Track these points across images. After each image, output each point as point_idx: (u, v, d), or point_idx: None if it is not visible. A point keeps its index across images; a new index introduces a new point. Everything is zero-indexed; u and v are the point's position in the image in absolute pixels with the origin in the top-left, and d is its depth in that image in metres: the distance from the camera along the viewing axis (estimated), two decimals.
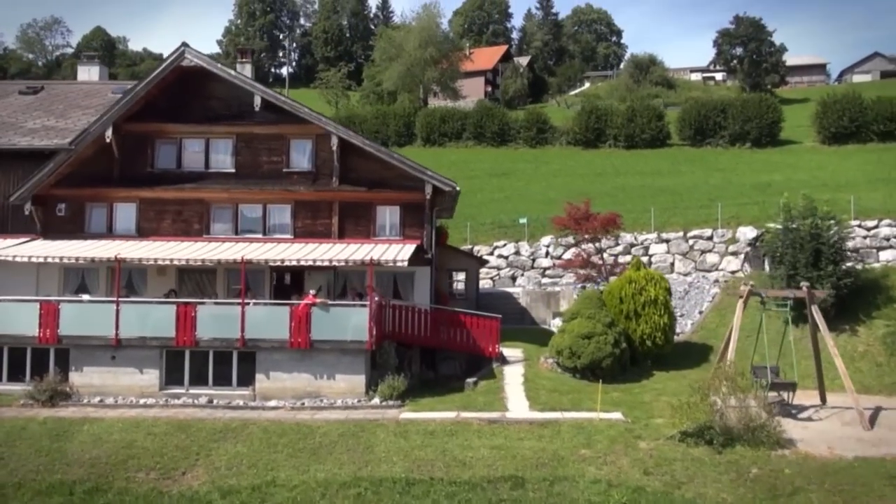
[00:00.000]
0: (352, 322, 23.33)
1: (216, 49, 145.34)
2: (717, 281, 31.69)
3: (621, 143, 68.40)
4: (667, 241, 40.24)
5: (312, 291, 24.27)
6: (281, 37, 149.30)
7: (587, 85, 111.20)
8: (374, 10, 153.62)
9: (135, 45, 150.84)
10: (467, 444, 19.66)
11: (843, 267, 26.41)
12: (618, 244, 40.46)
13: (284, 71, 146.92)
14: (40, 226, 26.88)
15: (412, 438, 20.03)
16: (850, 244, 28.46)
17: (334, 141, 26.20)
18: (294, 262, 23.91)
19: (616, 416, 21.06)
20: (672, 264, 39.16)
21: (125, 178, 27.08)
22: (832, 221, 26.74)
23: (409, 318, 25.68)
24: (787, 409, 21.21)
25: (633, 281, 25.37)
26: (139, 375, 23.78)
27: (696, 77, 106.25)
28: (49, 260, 24.25)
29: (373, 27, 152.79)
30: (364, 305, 23.56)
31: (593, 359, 23.60)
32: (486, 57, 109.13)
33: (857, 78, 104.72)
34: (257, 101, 26.33)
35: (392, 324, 25.23)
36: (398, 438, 20.08)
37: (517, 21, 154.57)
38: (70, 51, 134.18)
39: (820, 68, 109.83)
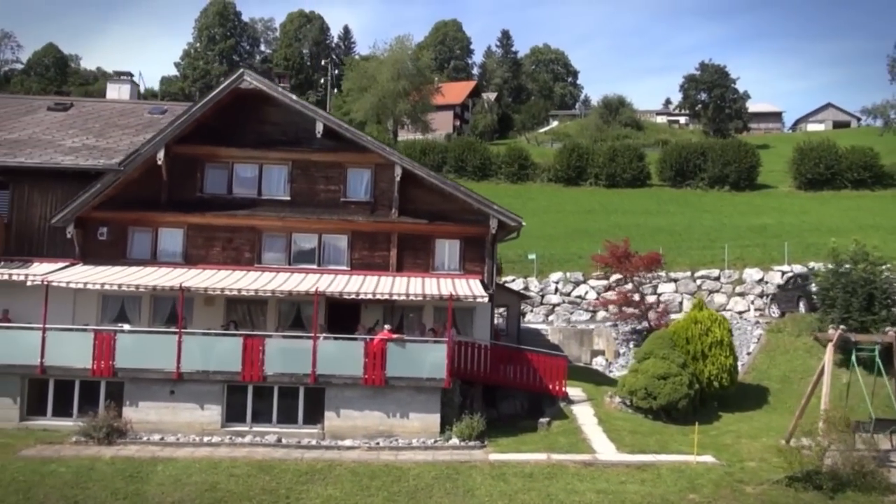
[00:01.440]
0: (428, 359, 22.54)
1: (173, 71, 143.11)
2: (757, 322, 31.74)
3: (602, 181, 68.95)
4: (675, 280, 40.39)
5: (388, 327, 23.44)
6: (240, 62, 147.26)
7: (555, 123, 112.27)
8: (335, 39, 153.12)
9: (88, 63, 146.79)
10: (570, 487, 19.00)
11: None
12: (626, 282, 40.54)
13: None
14: (79, 250, 25.46)
15: (511, 482, 19.29)
16: None
17: (398, 171, 25.50)
18: (384, 296, 23.02)
19: (709, 458, 20.68)
20: (681, 303, 39.28)
21: (173, 203, 25.88)
22: (885, 266, 27.01)
23: (472, 354, 24.98)
24: (887, 454, 21.03)
25: (698, 321, 25.18)
26: (199, 411, 22.51)
27: (661, 120, 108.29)
28: (107, 287, 23.00)
29: (334, 57, 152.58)
30: (440, 342, 22.79)
31: (670, 400, 23.25)
32: (456, 91, 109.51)
33: (811, 127, 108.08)
34: (319, 127, 25.51)
35: (457, 360, 24.49)
36: (497, 481, 19.30)
37: (477, 58, 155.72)
38: (20, 66, 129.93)
39: (776, 116, 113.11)
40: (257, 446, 21.56)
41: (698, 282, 40.53)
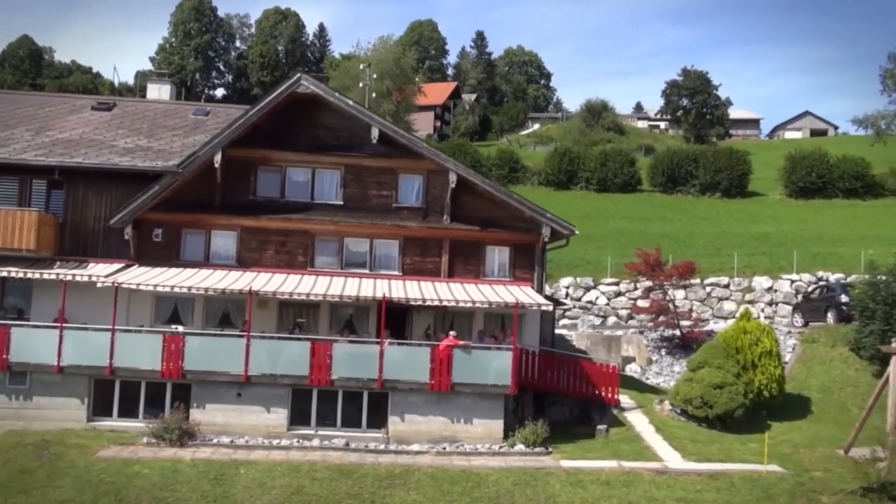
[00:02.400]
0: (493, 366, 22.95)
1: (148, 65, 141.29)
2: (790, 332, 32.54)
3: (593, 185, 69.83)
4: (685, 287, 41.08)
5: (453, 333, 23.75)
6: (216, 58, 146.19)
7: (536, 125, 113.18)
8: (311, 37, 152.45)
9: (62, 56, 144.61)
10: (649, 495, 19.53)
11: None
12: (636, 288, 41.32)
13: (219, 93, 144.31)
14: (134, 251, 25.37)
15: (590, 489, 19.75)
16: None
17: (452, 178, 25.82)
18: (450, 303, 23.36)
19: (777, 468, 21.31)
20: (690, 310, 39.99)
21: (226, 205, 25.91)
22: None
23: (524, 361, 25.35)
24: None
25: (747, 331, 25.85)
26: (266, 414, 22.65)
27: (642, 124, 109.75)
28: (177, 289, 23.00)
29: (310, 55, 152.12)
30: (505, 349, 23.21)
31: (727, 409, 23.88)
32: (437, 92, 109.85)
33: (789, 134, 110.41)
34: (374, 133, 25.72)
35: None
36: (575, 488, 19.75)
37: (452, 58, 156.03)
38: None
39: (754, 123, 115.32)
40: (327, 450, 21.76)
41: (708, 289, 41.30)
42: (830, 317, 32.34)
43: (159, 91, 31.39)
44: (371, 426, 23.02)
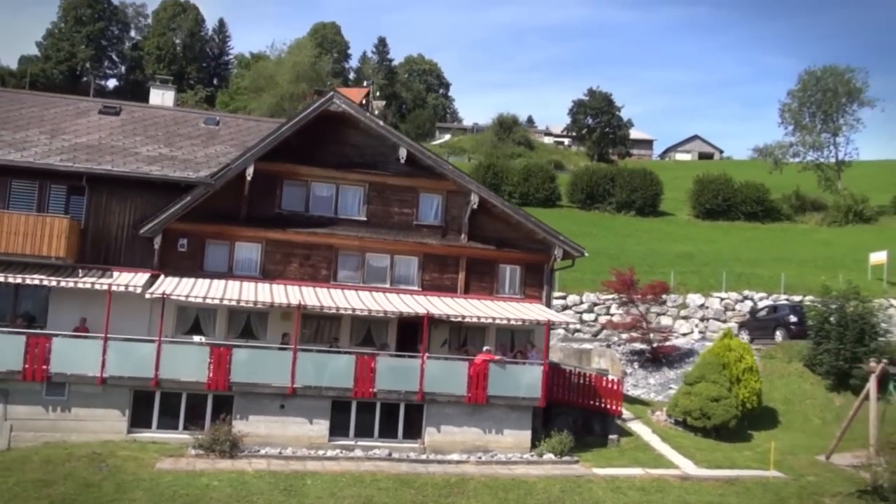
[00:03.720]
0: (525, 379, 24.43)
1: (34, 51, 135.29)
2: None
3: (516, 199, 72.06)
4: (627, 303, 43.69)
5: (487, 347, 25.08)
6: (109, 47, 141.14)
7: (447, 136, 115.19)
8: (210, 32, 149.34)
9: None
10: (682, 500, 21.53)
11: (882, 341, 30.98)
12: (582, 302, 43.82)
13: (111, 83, 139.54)
14: (158, 260, 25.39)
15: (629, 494, 21.53)
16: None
17: (474, 199, 27.13)
18: (487, 319, 24.82)
19: (778, 473, 23.73)
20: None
21: (252, 218, 26.27)
22: (874, 304, 31.29)
23: None
24: None
25: (732, 349, 28.33)
26: (308, 426, 23.32)
27: (549, 140, 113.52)
28: (225, 302, 23.35)
29: (208, 50, 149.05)
30: (536, 363, 24.73)
31: (723, 420, 26.24)
32: (349, 97, 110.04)
33: (679, 156, 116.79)
34: (402, 153, 26.72)
35: None
36: (617, 494, 21.49)
37: (354, 62, 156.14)
38: None
39: (648, 144, 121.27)
40: (373, 460, 22.66)
41: (646, 305, 44.04)
42: (779, 335, 35.46)
43: (162, 97, 31.22)
44: (407, 437, 24.03)
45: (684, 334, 42.62)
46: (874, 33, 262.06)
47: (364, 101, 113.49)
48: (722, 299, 44.64)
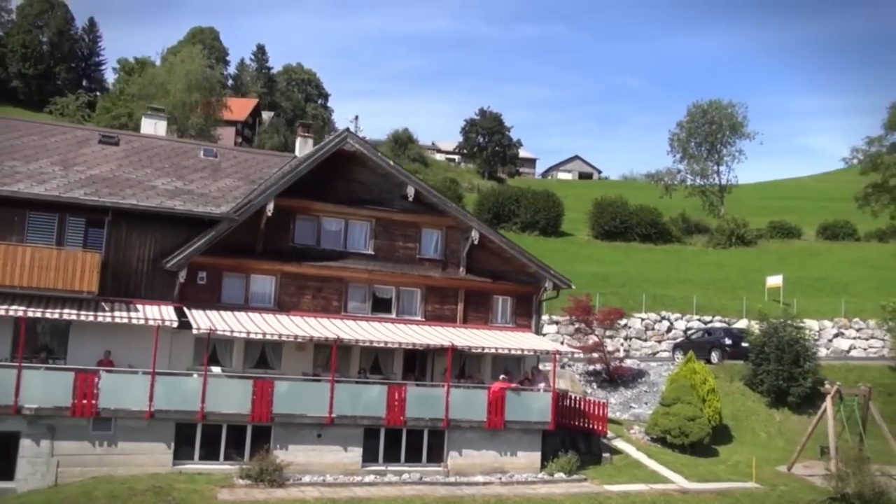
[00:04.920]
0: (537, 405, 26.49)
1: None
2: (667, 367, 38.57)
3: None
4: (557, 322, 46.75)
5: (503, 376, 26.94)
6: None
7: None
8: (80, 31, 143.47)
9: None
10: None
11: (815, 363, 34.98)
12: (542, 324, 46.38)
13: None
14: (178, 293, 25.87)
15: None
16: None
17: (475, 235, 29.00)
18: (495, 349, 26.62)
19: (755, 485, 26.83)
20: (562, 343, 45.61)
21: (267, 251, 27.15)
22: (808, 330, 35.26)
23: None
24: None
25: (697, 372, 31.44)
26: (343, 453, 24.51)
27: (440, 157, 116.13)
28: (282, 337, 24.36)
29: (78, 51, 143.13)
30: (546, 391, 26.87)
31: (699, 437, 29.22)
32: (238, 107, 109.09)
33: (561, 175, 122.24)
34: (411, 191, 28.29)
35: None
36: None
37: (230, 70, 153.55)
38: None
39: (531, 162, 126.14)
40: (409, 484, 24.12)
41: (576, 324, 47.12)
42: (715, 356, 39.08)
43: (155, 126, 31.26)
44: (430, 461, 25.60)
45: (610, 352, 45.87)
46: (709, 59, 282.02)
47: (252, 113, 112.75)
48: (642, 319, 48.25)
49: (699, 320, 49.08)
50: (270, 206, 26.41)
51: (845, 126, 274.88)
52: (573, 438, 29.76)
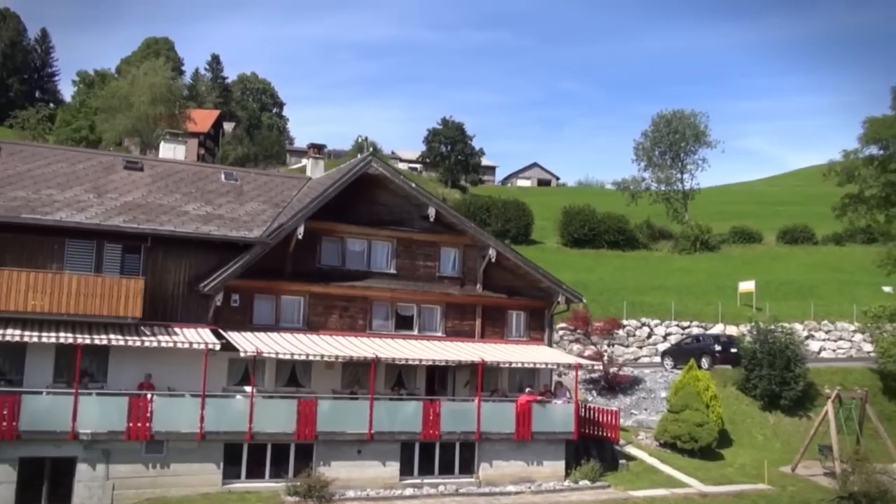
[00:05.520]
0: (560, 416, 27.75)
1: None
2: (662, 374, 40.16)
3: None
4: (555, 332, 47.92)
5: (529, 389, 28.12)
6: None
7: (304, 161, 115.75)
8: (32, 42, 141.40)
9: None
10: None
11: (805, 368, 36.89)
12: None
13: None
14: (213, 316, 26.54)
15: None
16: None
17: (492, 253, 30.18)
18: (526, 364, 27.97)
19: (767, 486, 28.46)
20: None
21: (296, 273, 27.95)
22: (798, 336, 37.16)
23: None
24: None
25: (700, 379, 33.04)
26: (382, 468, 25.46)
27: (403, 166, 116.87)
28: (324, 358, 25.22)
29: (31, 62, 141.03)
30: (568, 402, 28.16)
31: (707, 442, 30.78)
32: (201, 119, 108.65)
33: (520, 182, 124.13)
34: (431, 212, 29.33)
35: None
36: None
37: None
38: None
39: (491, 170, 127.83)
40: (448, 495, 25.20)
41: (560, 332, 48.61)
42: (705, 362, 40.78)
43: (174, 151, 31.80)
44: (462, 472, 26.68)
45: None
46: (653, 64, 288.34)
47: (214, 124, 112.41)
48: (623, 326, 49.84)
49: (678, 326, 50.87)
50: (301, 230, 27.22)
51: (781, 129, 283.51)
52: (586, 446, 31.06)
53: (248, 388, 26.25)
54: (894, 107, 40.91)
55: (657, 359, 46.27)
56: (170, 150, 31.84)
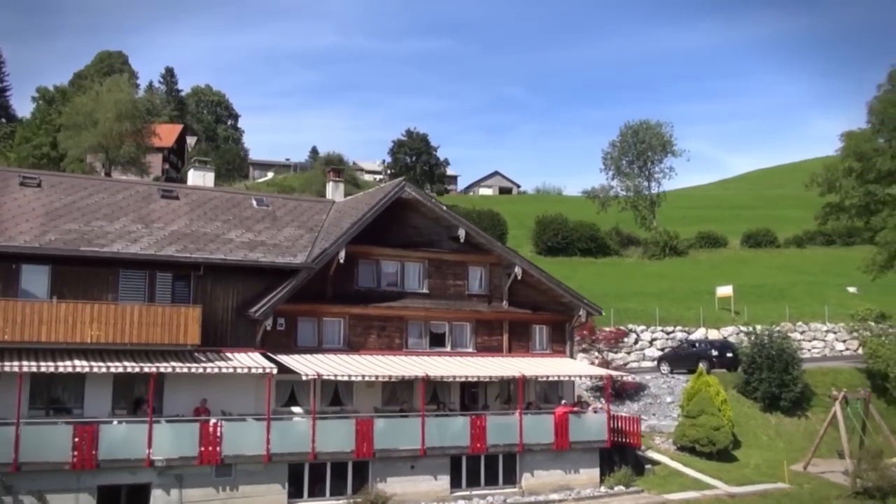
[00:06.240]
0: (594, 426, 29.18)
1: None
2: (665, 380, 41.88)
3: None
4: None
5: (565, 401, 29.45)
6: None
7: (271, 174, 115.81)
8: None
9: None
10: None
11: (801, 370, 38.97)
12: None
13: None
14: (260, 339, 27.34)
15: None
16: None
17: (518, 271, 31.48)
18: (562, 377, 29.25)
19: (787, 485, 30.25)
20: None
21: (336, 296, 28.89)
22: (794, 341, 39.23)
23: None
24: None
25: (710, 385, 34.79)
26: (434, 481, 26.57)
27: (369, 178, 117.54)
28: (379, 378, 26.37)
29: None
30: (600, 412, 29.59)
31: (724, 445, 32.51)
32: (165, 134, 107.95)
33: (482, 191, 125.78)
34: (461, 234, 30.53)
35: None
36: None
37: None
38: None
39: (453, 179, 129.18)
40: None
41: (583, 345, 49.97)
42: (703, 366, 42.63)
43: (204, 178, 32.42)
44: (505, 482, 27.92)
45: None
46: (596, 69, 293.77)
47: (178, 139, 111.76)
48: (628, 334, 51.51)
49: (662, 331, 52.82)
50: (342, 254, 28.16)
51: (722, 132, 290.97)
52: (609, 452, 32.55)
53: (295, 409, 27.22)
54: (870, 121, 43.34)
55: (646, 363, 48.21)
56: (199, 178, 32.46)
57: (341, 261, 28.20)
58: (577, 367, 30.86)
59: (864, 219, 42.80)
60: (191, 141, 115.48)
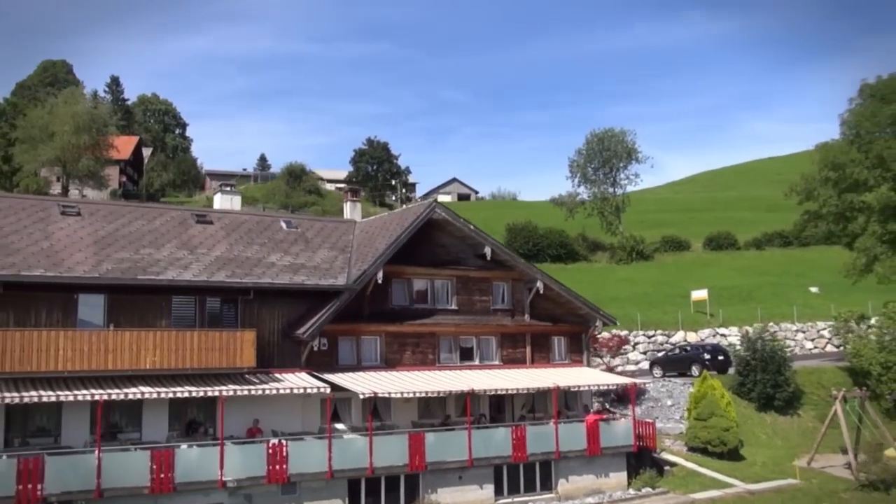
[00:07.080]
0: (622, 431, 30.72)
1: None
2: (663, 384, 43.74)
3: None
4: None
5: (593, 409, 30.88)
6: None
7: (233, 185, 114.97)
8: None
9: None
10: None
11: (792, 370, 41.16)
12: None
13: None
14: (305, 359, 28.20)
15: None
16: None
17: (540, 285, 32.91)
18: (591, 386, 30.63)
19: (797, 481, 32.22)
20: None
21: (373, 315, 29.92)
22: (785, 344, 41.44)
23: None
24: None
25: (715, 388, 36.67)
26: (479, 490, 27.79)
27: (331, 187, 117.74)
28: (428, 394, 27.41)
29: None
30: (626, 416, 31.13)
31: (734, 445, 34.39)
32: (122, 146, 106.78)
33: (441, 198, 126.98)
34: (488, 251, 31.80)
35: None
36: None
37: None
38: None
39: (412, 186, 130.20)
40: None
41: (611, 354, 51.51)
42: (695, 369, 44.65)
43: (231, 202, 33.05)
44: (543, 488, 29.28)
45: None
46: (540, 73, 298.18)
47: (134, 151, 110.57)
48: (629, 341, 53.27)
49: (644, 335, 54.83)
50: (380, 275, 29.19)
51: (655, 131, 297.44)
52: (628, 456, 34.17)
53: (338, 426, 28.12)
54: (843, 132, 45.92)
55: (630, 367, 49.98)
56: (227, 202, 33.15)
57: (379, 281, 29.20)
58: (600, 377, 32.39)
59: (841, 225, 45.28)
60: (146, 152, 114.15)
